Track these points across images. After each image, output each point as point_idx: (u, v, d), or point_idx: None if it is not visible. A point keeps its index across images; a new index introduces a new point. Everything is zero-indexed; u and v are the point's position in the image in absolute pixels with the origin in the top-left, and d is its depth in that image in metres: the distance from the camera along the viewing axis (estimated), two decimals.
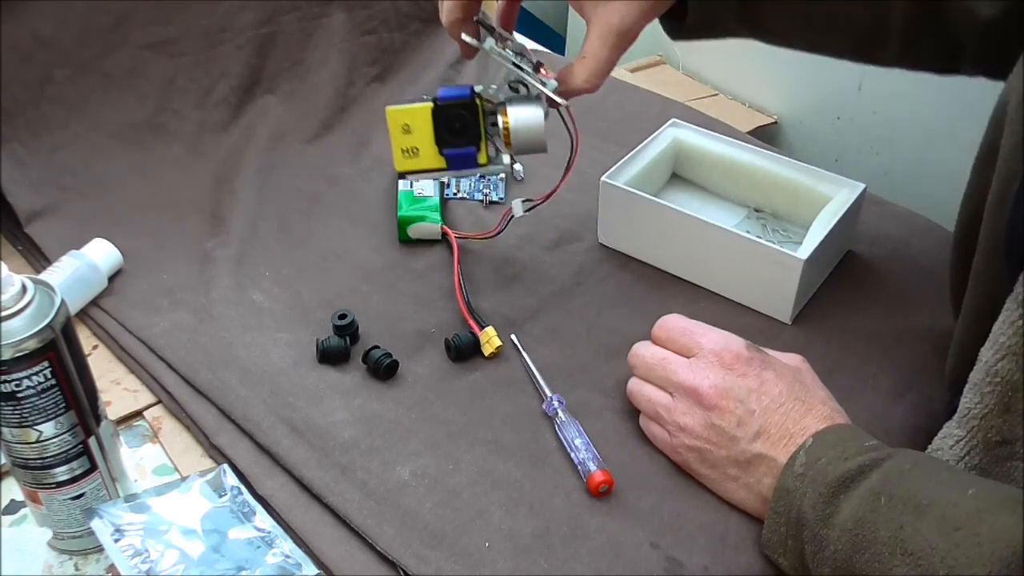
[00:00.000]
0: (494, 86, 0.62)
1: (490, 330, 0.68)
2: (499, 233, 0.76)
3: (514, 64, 0.60)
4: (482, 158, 0.62)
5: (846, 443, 0.53)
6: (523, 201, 0.69)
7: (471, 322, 0.69)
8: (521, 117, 0.61)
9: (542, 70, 0.61)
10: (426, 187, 0.81)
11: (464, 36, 0.61)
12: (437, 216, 0.78)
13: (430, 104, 0.61)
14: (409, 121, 0.61)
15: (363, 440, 0.62)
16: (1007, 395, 0.52)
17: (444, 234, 0.78)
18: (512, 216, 0.70)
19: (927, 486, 0.48)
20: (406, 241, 0.79)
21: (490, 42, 0.60)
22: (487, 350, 0.68)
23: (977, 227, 0.57)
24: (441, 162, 0.62)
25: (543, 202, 0.68)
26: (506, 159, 0.63)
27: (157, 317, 0.71)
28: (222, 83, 0.91)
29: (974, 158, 0.60)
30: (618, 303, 0.74)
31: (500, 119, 0.61)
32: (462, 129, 0.61)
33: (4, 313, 0.48)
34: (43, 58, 0.83)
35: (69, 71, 0.84)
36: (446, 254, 0.78)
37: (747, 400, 0.56)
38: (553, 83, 0.61)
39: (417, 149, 0.62)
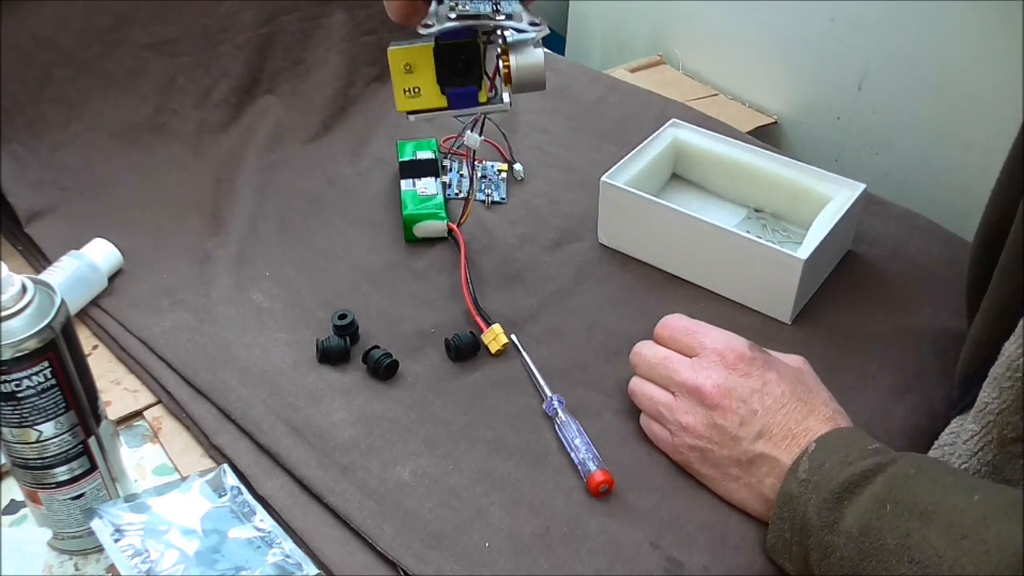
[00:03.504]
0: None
1: (496, 327, 0.68)
2: (471, 190, 0.76)
3: (475, 16, 0.60)
4: (482, 96, 0.63)
5: (849, 447, 0.53)
6: (475, 132, 0.69)
7: (477, 319, 0.69)
8: (523, 58, 0.61)
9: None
10: (429, 185, 0.81)
11: (421, 29, 0.59)
12: (443, 214, 0.78)
13: (432, 44, 0.61)
14: (411, 61, 0.61)
15: (363, 440, 0.61)
16: None
17: (450, 231, 0.78)
18: (474, 152, 0.70)
19: (932, 492, 0.48)
20: (411, 240, 0.79)
21: (443, 9, 0.59)
22: (493, 347, 0.68)
23: (1005, 225, 0.57)
24: (442, 101, 0.62)
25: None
26: (506, 97, 0.63)
27: (157, 317, 0.70)
28: (222, 83, 0.91)
29: (1000, 158, 0.60)
30: (618, 303, 0.74)
31: (500, 60, 0.62)
32: (464, 68, 0.61)
33: (4, 313, 0.48)
34: (43, 58, 0.83)
35: (69, 71, 0.84)
36: (446, 254, 0.78)
37: (750, 400, 0.56)
38: (517, 7, 0.61)
39: (419, 88, 0.62)
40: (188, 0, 0.89)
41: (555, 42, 1.53)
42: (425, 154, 0.85)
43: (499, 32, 0.61)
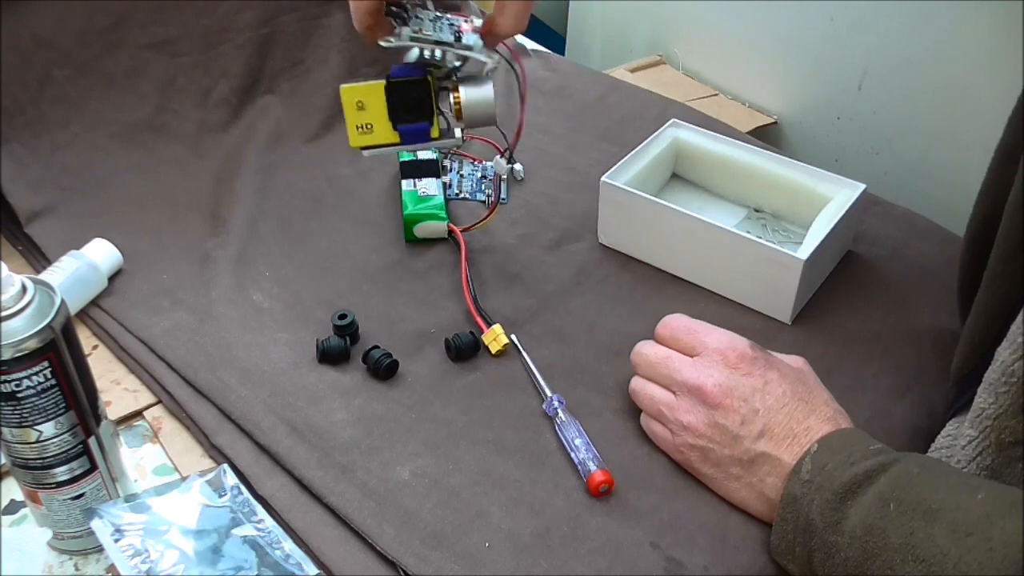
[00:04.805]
0: (438, 53, 0.63)
1: (497, 327, 0.68)
2: (500, 202, 0.75)
3: (436, 42, 0.61)
4: (434, 132, 0.64)
5: (851, 448, 0.53)
6: (503, 159, 0.70)
7: (478, 319, 0.69)
8: (472, 95, 0.63)
9: (464, 24, 0.62)
10: (430, 186, 0.81)
11: (382, 43, 0.62)
12: (443, 214, 0.78)
13: (383, 82, 0.62)
14: (363, 98, 0.63)
15: (363, 440, 0.61)
16: (1023, 396, 0.51)
17: (451, 232, 0.78)
18: (502, 177, 0.71)
19: (936, 491, 0.48)
20: (411, 240, 0.79)
21: (406, 32, 0.61)
22: (494, 348, 0.68)
23: (993, 226, 0.57)
24: (394, 137, 0.64)
25: (516, 143, 0.68)
26: (458, 132, 0.65)
27: (157, 317, 0.70)
28: (222, 83, 0.91)
29: (991, 157, 0.60)
30: (618, 303, 0.74)
31: (451, 96, 0.63)
32: (415, 106, 0.63)
33: (4, 313, 0.48)
34: (43, 58, 0.83)
35: (69, 71, 0.84)
36: (446, 254, 0.78)
37: (751, 399, 0.56)
38: (477, 41, 0.61)
39: (371, 125, 0.63)
40: (188, 0, 0.89)
41: (555, 42, 1.53)
42: (426, 154, 0.85)
43: (451, 67, 0.62)
